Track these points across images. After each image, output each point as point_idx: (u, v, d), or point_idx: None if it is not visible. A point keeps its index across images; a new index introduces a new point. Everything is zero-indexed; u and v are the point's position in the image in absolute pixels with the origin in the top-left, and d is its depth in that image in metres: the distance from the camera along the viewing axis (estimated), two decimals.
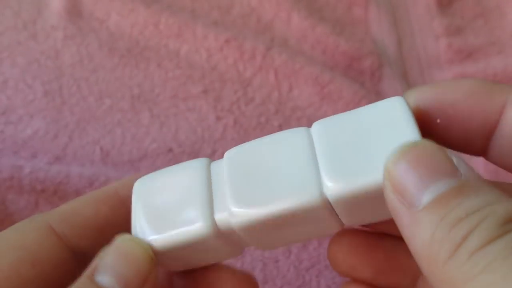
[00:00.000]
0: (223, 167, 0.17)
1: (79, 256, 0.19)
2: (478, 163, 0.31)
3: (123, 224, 0.19)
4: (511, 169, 0.16)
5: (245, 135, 0.32)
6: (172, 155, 0.32)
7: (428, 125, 0.16)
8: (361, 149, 0.15)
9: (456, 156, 0.14)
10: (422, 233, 0.13)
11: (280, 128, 0.33)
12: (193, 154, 0.31)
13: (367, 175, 0.15)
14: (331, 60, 0.35)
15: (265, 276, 0.28)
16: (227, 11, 0.36)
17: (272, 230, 0.16)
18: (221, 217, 0.17)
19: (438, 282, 0.13)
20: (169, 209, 0.17)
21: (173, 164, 0.31)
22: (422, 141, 0.15)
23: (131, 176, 0.20)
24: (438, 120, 0.16)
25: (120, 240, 0.17)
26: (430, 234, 0.13)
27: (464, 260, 0.12)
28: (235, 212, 0.16)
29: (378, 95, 0.34)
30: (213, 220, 0.17)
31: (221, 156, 0.31)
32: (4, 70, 0.34)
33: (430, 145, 0.14)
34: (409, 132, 0.15)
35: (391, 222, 0.15)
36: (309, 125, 0.33)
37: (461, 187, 0.13)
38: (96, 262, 0.17)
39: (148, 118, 0.33)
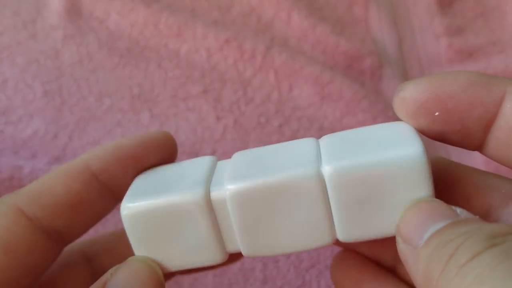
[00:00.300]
0: (228, 164, 0.17)
1: (54, 236, 0.18)
2: (479, 163, 0.31)
3: (96, 199, 0.18)
4: (506, 162, 0.16)
5: (245, 135, 0.32)
6: None
7: (426, 119, 0.16)
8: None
9: (460, 208, 0.15)
10: (421, 265, 0.14)
11: (280, 128, 0.33)
12: (193, 154, 0.31)
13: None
14: (331, 60, 0.35)
15: (265, 276, 0.28)
16: (227, 10, 0.36)
17: (263, 215, 0.16)
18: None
19: None
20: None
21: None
22: (428, 197, 0.15)
23: (100, 147, 0.19)
24: (437, 113, 0.16)
25: (132, 261, 0.17)
26: (426, 261, 0.13)
27: (453, 274, 0.12)
28: (229, 187, 0.16)
29: (378, 95, 0.34)
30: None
31: (221, 157, 0.32)
32: (4, 70, 0.34)
33: (435, 200, 0.15)
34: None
35: None
36: (309, 125, 0.33)
37: (457, 222, 0.14)
38: (105, 278, 0.16)
39: (148, 118, 0.33)
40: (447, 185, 0.17)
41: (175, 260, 0.17)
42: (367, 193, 0.16)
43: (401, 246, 0.15)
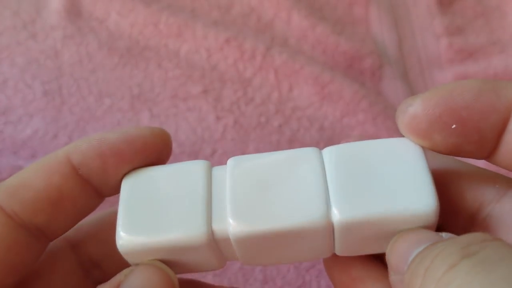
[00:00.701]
0: (225, 176, 0.17)
1: (35, 233, 0.17)
2: (479, 164, 0.31)
3: (78, 195, 0.17)
4: None
5: (245, 135, 0.32)
6: (172, 155, 0.31)
7: (442, 134, 0.16)
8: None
9: (445, 232, 0.14)
10: (404, 283, 0.14)
11: (280, 128, 0.33)
12: (193, 154, 0.31)
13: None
14: (331, 60, 0.35)
15: (265, 276, 0.28)
16: (227, 11, 0.36)
17: (267, 247, 0.16)
18: (218, 227, 0.16)
19: None
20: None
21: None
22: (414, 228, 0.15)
23: (84, 138, 0.18)
24: (454, 126, 0.15)
25: (147, 265, 0.16)
26: (408, 282, 0.13)
27: None
28: (233, 224, 0.16)
29: (378, 95, 0.34)
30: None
31: (221, 156, 0.32)
32: (4, 70, 0.34)
33: (421, 228, 0.15)
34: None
35: None
36: (309, 124, 0.33)
37: (437, 242, 0.14)
38: (119, 279, 0.16)
39: (148, 118, 0.32)
40: (440, 180, 0.17)
41: (173, 270, 0.17)
42: (373, 233, 0.16)
43: (392, 278, 0.15)
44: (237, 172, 0.17)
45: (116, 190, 0.18)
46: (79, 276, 0.19)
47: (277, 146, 0.32)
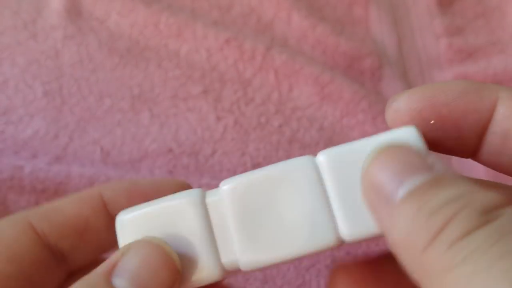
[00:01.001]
0: (224, 205, 0.16)
1: (58, 256, 0.18)
2: (479, 166, 0.31)
3: (103, 229, 0.19)
4: (499, 168, 0.17)
5: (245, 135, 0.32)
6: (172, 155, 0.32)
7: (421, 128, 0.16)
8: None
9: (431, 155, 0.14)
10: (399, 225, 0.13)
11: (280, 128, 0.33)
12: (193, 154, 0.32)
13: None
14: (331, 60, 0.35)
15: (265, 276, 0.28)
16: (227, 11, 0.36)
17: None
18: (228, 261, 0.16)
19: (416, 271, 0.13)
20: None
21: (173, 164, 0.31)
22: (396, 142, 0.15)
23: (118, 180, 0.20)
24: (432, 121, 0.16)
25: (144, 242, 0.16)
26: (407, 225, 0.13)
27: (444, 250, 0.12)
28: (245, 259, 0.16)
29: (378, 95, 0.34)
30: (223, 269, 0.16)
31: (221, 157, 0.32)
32: (4, 70, 0.34)
33: (404, 145, 0.15)
34: None
35: None
36: (309, 125, 0.33)
37: (437, 179, 0.14)
38: (115, 258, 0.15)
39: (148, 118, 0.33)
40: None
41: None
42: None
43: (367, 194, 0.15)
44: (235, 200, 0.16)
45: None
46: None
47: (277, 146, 0.32)
